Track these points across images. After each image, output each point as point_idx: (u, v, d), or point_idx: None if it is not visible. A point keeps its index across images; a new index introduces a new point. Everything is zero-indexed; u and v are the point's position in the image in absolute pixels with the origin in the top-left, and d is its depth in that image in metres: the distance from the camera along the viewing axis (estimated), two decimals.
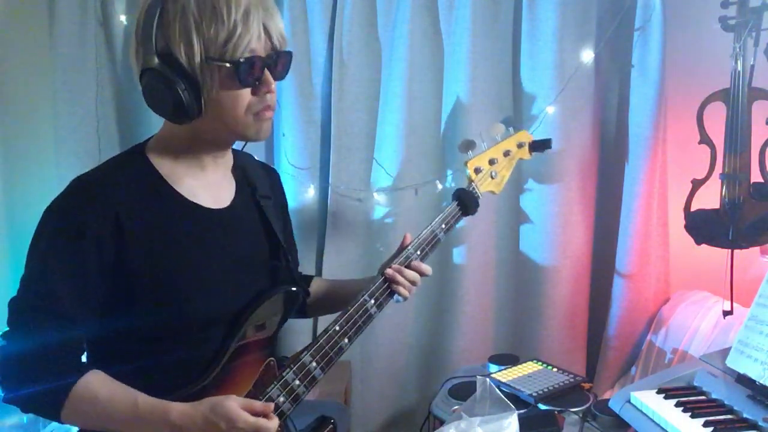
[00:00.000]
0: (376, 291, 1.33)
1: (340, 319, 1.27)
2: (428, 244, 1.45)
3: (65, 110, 2.29)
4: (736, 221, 1.83)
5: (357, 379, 2.42)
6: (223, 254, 1.17)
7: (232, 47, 1.07)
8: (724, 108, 1.86)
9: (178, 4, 1.06)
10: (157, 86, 1.07)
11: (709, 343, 1.93)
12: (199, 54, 1.06)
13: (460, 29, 2.23)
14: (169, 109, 1.08)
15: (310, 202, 2.36)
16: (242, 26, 1.06)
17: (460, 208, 1.55)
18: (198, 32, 1.06)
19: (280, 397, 1.16)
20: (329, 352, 1.24)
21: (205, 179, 1.18)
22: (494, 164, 1.66)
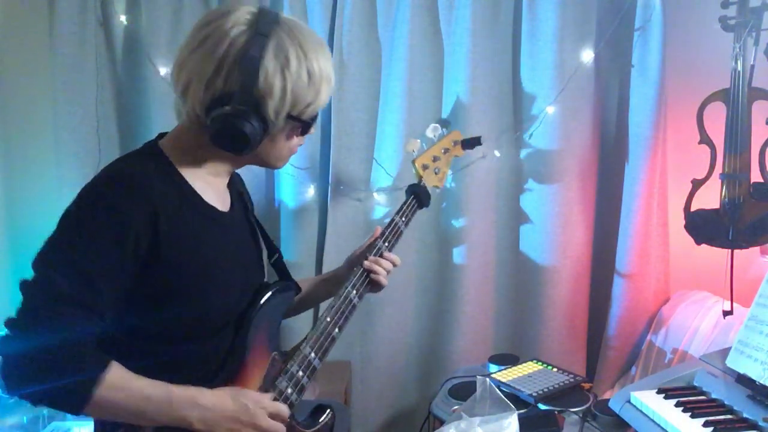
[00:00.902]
0: (357, 282, 1.42)
1: (330, 311, 1.34)
2: (393, 237, 1.57)
3: (65, 110, 2.29)
4: (736, 221, 1.84)
5: (357, 379, 2.42)
6: (234, 255, 1.22)
7: (312, 110, 1.17)
8: (724, 108, 1.86)
9: (281, 57, 1.11)
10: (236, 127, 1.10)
11: (709, 343, 1.93)
12: (286, 111, 1.14)
13: (460, 29, 2.23)
14: (236, 148, 1.13)
15: (310, 202, 2.36)
16: (325, 92, 1.17)
17: (416, 202, 1.71)
18: (293, 93, 1.13)
19: (288, 388, 1.22)
20: (324, 343, 1.31)
21: (216, 185, 1.23)
22: (437, 161, 1.82)
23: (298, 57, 1.13)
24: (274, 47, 1.11)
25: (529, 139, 2.27)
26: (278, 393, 1.21)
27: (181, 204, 1.13)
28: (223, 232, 1.21)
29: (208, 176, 1.21)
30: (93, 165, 2.27)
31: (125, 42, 2.34)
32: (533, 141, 2.26)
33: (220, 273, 1.17)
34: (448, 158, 1.87)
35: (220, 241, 1.19)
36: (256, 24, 1.12)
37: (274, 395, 1.20)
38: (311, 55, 1.14)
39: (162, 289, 1.10)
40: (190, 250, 1.12)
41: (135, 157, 1.17)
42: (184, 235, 1.12)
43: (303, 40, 1.14)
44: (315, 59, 1.15)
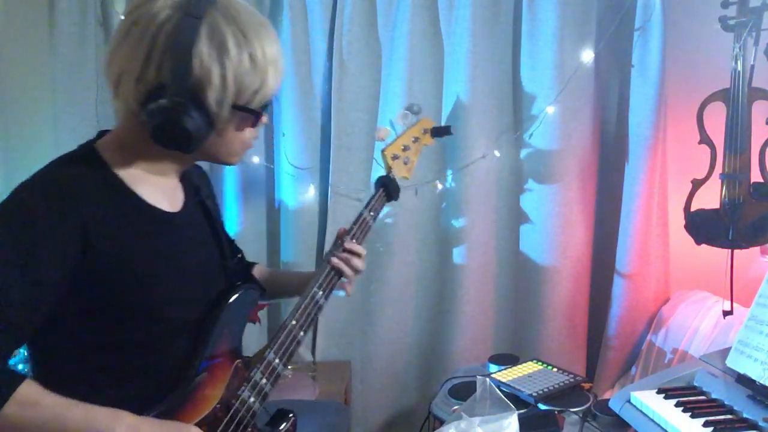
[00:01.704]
0: (323, 282, 1.34)
1: (295, 313, 1.27)
2: (360, 231, 1.48)
3: (65, 110, 2.29)
4: (736, 221, 1.83)
5: (357, 379, 2.42)
6: (185, 259, 1.14)
7: (260, 97, 1.08)
8: (724, 108, 1.86)
9: (215, 42, 1.01)
10: (175, 122, 1.01)
11: (709, 343, 1.93)
12: (229, 100, 1.04)
13: (460, 29, 2.23)
14: (179, 145, 1.04)
15: (310, 202, 2.36)
16: (272, 76, 1.07)
17: (385, 195, 1.60)
18: (235, 80, 1.03)
19: (251, 397, 1.16)
20: (289, 347, 1.24)
21: (164, 184, 1.14)
22: (407, 151, 1.70)
23: (236, 40, 1.02)
24: (208, 30, 1.01)
25: (529, 139, 2.27)
26: (240, 402, 1.14)
27: (117, 209, 1.04)
28: (172, 235, 1.12)
29: (152, 176, 1.11)
30: None
31: None
32: (533, 141, 2.26)
33: (169, 281, 1.09)
34: (417, 147, 1.74)
35: (167, 246, 1.10)
36: (187, 5, 1.00)
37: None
38: (252, 37, 1.04)
39: (103, 299, 1.02)
40: (129, 257, 1.04)
41: (65, 160, 1.07)
42: (122, 241, 1.03)
43: (242, 21, 1.03)
44: (257, 41, 1.04)
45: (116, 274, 1.02)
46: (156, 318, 1.08)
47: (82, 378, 1.04)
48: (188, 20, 1.00)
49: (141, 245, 1.06)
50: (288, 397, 2.11)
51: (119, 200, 1.06)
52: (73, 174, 1.03)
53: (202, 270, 1.17)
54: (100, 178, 1.05)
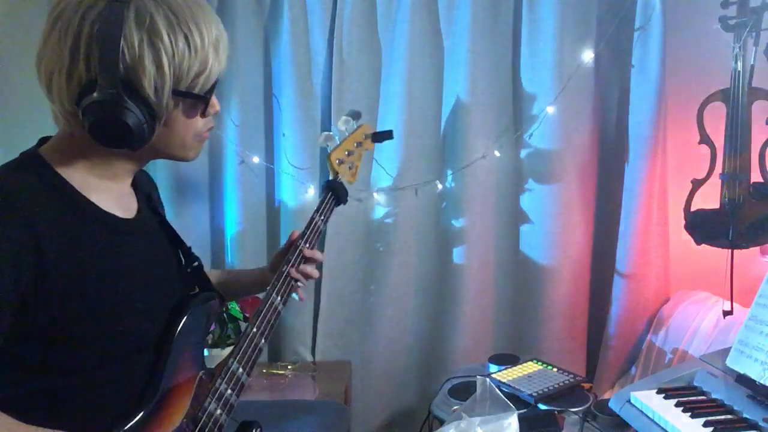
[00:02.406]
0: (281, 288, 1.33)
1: (255, 320, 1.23)
2: (314, 236, 1.47)
3: None
4: (736, 221, 1.84)
5: (357, 379, 2.42)
6: (143, 268, 1.08)
7: (203, 80, 1.01)
8: (724, 108, 1.86)
9: (144, 27, 0.94)
10: (113, 118, 0.94)
11: (709, 343, 1.93)
12: (168, 88, 0.97)
13: (460, 29, 2.23)
14: (121, 142, 0.97)
15: (310, 202, 2.36)
16: (213, 57, 1.01)
17: (333, 199, 1.60)
18: (170, 65, 0.96)
19: (217, 409, 1.12)
20: (252, 355, 1.21)
21: (117, 190, 1.08)
22: (351, 155, 1.72)
23: (168, 22, 0.95)
24: (135, 14, 0.94)
25: (529, 139, 2.27)
26: (207, 415, 1.10)
27: (70, 217, 0.97)
28: (128, 243, 1.06)
29: (103, 181, 1.04)
30: None
31: None
32: (533, 141, 2.26)
33: (127, 292, 1.02)
34: (360, 152, 1.75)
35: (123, 255, 1.04)
36: None
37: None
38: (185, 18, 0.97)
39: (60, 316, 0.94)
40: (86, 269, 0.96)
41: (8, 169, 0.99)
42: (76, 252, 0.95)
43: (173, 1, 0.96)
44: (191, 21, 0.97)
45: (73, 290, 0.95)
46: (116, 332, 1.01)
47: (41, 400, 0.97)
48: (113, 6, 0.93)
49: (98, 256, 0.99)
50: (288, 397, 2.11)
51: (71, 207, 0.98)
52: (19, 182, 0.96)
53: (160, 279, 1.11)
54: (49, 185, 0.98)
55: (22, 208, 0.92)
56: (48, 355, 0.96)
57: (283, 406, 1.71)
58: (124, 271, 1.03)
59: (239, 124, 2.30)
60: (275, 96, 2.34)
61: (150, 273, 1.09)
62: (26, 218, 0.92)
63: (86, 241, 0.98)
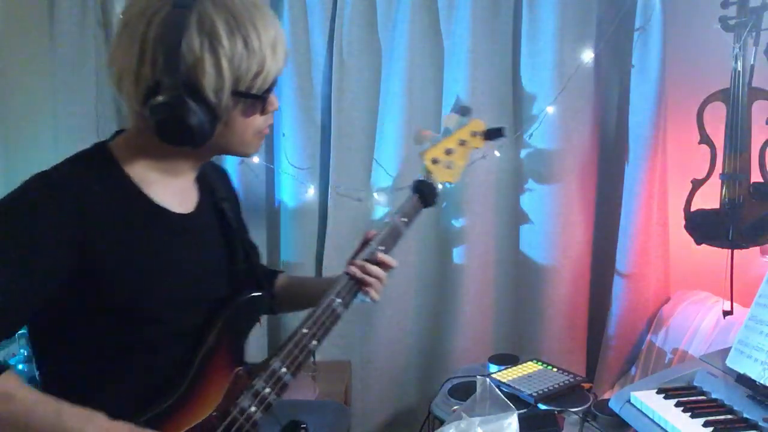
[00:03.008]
0: (342, 290, 1.27)
1: (307, 321, 1.21)
2: (391, 238, 1.39)
3: (65, 110, 2.29)
4: (736, 221, 1.84)
5: (357, 379, 2.42)
6: (191, 262, 1.12)
7: (261, 81, 1.05)
8: (724, 108, 1.86)
9: (205, 31, 0.99)
10: (177, 118, 1.00)
11: (709, 343, 1.93)
12: (228, 89, 1.02)
13: (460, 29, 2.23)
14: (185, 140, 1.03)
15: (310, 202, 2.36)
16: (271, 58, 1.04)
17: (421, 200, 1.52)
18: (230, 67, 1.01)
19: (252, 406, 1.13)
20: (298, 356, 1.18)
21: (177, 185, 1.13)
22: (450, 154, 1.60)
23: (228, 26, 1.00)
24: (197, 19, 0.99)
25: (529, 139, 2.27)
26: (239, 411, 1.11)
27: (122, 208, 1.03)
28: (177, 238, 1.10)
29: (164, 176, 1.10)
30: None
31: None
32: (533, 141, 2.26)
33: (169, 285, 1.07)
34: (465, 151, 1.62)
35: (171, 248, 1.09)
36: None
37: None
38: (244, 21, 1.01)
39: (101, 299, 1.01)
40: (130, 259, 1.02)
41: (77, 157, 1.07)
42: (123, 243, 1.02)
43: (233, 6, 1.01)
44: (250, 24, 1.01)
45: (114, 274, 1.01)
46: (153, 321, 1.06)
47: (79, 379, 1.03)
48: (177, 11, 0.98)
49: (142, 244, 1.05)
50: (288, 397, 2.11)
51: (125, 200, 1.05)
52: (80, 171, 1.04)
53: (205, 274, 1.14)
54: (108, 177, 1.05)
55: (76, 192, 1.00)
56: (85, 338, 1.03)
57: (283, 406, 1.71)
58: (168, 264, 1.08)
59: None
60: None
61: (196, 269, 1.12)
62: (78, 202, 0.99)
63: (134, 231, 1.04)
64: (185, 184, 1.15)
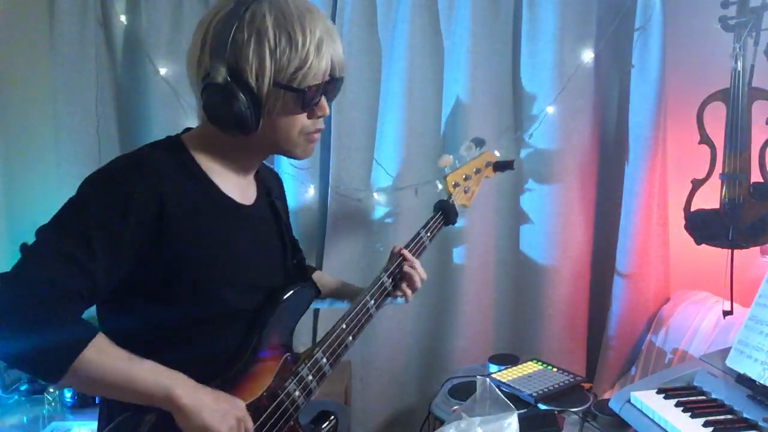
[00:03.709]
0: (375, 292, 1.41)
1: (346, 318, 1.33)
2: (417, 251, 1.55)
3: (65, 110, 2.29)
4: (736, 221, 1.84)
5: (357, 379, 2.42)
6: (251, 250, 1.20)
7: (301, 76, 1.10)
8: (724, 108, 1.86)
9: (255, 25, 1.08)
10: (222, 101, 1.09)
11: (709, 343, 1.93)
12: (269, 78, 1.09)
13: (460, 29, 2.23)
14: (230, 125, 1.11)
15: (310, 202, 2.36)
16: (314, 57, 1.10)
17: (443, 219, 1.70)
18: (272, 58, 1.08)
19: (296, 391, 1.21)
20: (337, 349, 1.29)
21: (237, 179, 1.21)
22: (468, 180, 1.82)
23: (276, 21, 1.09)
24: (251, 14, 1.09)
25: (529, 139, 2.27)
26: (286, 394, 1.19)
27: (194, 192, 1.12)
28: (240, 226, 1.19)
29: (230, 171, 1.19)
30: (93, 165, 2.24)
31: (125, 42, 2.34)
32: (533, 141, 2.26)
33: (231, 267, 1.15)
34: (479, 178, 1.86)
35: (234, 234, 1.17)
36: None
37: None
38: (292, 19, 1.09)
39: (168, 275, 1.08)
40: (198, 238, 1.10)
41: (155, 144, 1.17)
42: (193, 222, 1.10)
43: (286, 7, 1.10)
44: (298, 23, 1.09)
45: (183, 249, 1.08)
46: (213, 298, 1.12)
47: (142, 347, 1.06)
48: (237, 8, 1.09)
49: (209, 227, 1.12)
50: None
51: (196, 184, 1.13)
52: (158, 154, 1.12)
53: (262, 263, 1.23)
54: (181, 163, 1.13)
55: (152, 172, 1.07)
56: (152, 309, 1.09)
57: None
58: (230, 245, 1.15)
59: None
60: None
61: (255, 256, 1.21)
62: (157, 181, 1.07)
63: (202, 211, 1.12)
64: (244, 179, 1.23)
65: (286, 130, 1.16)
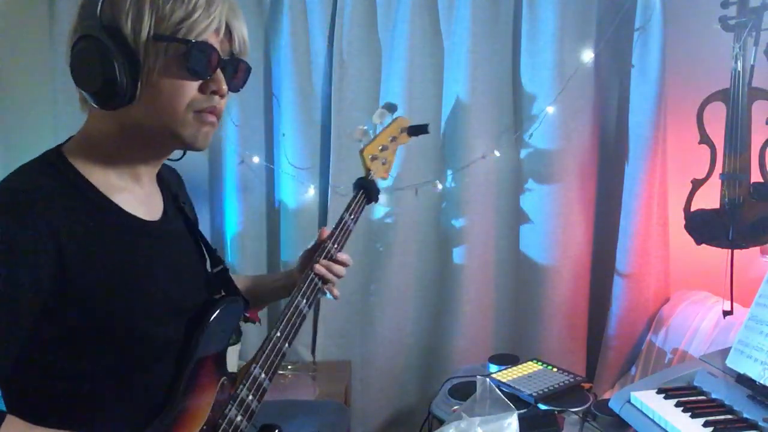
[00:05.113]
0: (306, 290, 1.30)
1: (279, 324, 1.21)
2: (343, 236, 1.45)
3: (65, 110, 2.29)
4: (736, 221, 1.83)
5: (357, 379, 2.42)
6: (166, 271, 1.05)
7: (186, 27, 0.94)
8: (724, 108, 1.86)
9: None
10: (90, 56, 0.93)
11: (709, 343, 1.93)
12: (147, 29, 0.93)
13: (460, 29, 2.23)
14: (98, 85, 0.93)
15: (310, 202, 2.36)
16: (203, 10, 0.95)
17: (365, 197, 1.56)
18: (152, 5, 0.93)
19: (238, 416, 1.10)
20: (275, 360, 1.19)
21: (139, 191, 1.06)
22: (384, 151, 1.64)
23: None
24: None
25: (529, 139, 2.27)
26: (228, 422, 1.08)
27: (91, 220, 0.95)
28: (149, 247, 1.03)
29: (127, 182, 1.03)
30: None
31: None
32: (533, 141, 2.26)
33: (146, 297, 1.00)
34: (394, 147, 1.67)
35: (144, 259, 1.02)
36: None
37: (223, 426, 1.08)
38: None
39: (81, 320, 0.93)
40: (107, 272, 0.94)
41: (28, 169, 0.97)
42: (98, 255, 0.94)
43: None
44: None
45: (94, 292, 0.93)
46: (136, 337, 0.99)
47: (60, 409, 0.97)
48: None
49: (120, 259, 0.97)
50: (288, 397, 2.11)
51: (93, 208, 0.96)
52: (40, 183, 0.94)
53: (181, 283, 1.09)
54: (67, 184, 0.96)
55: (42, 210, 0.90)
56: (68, 361, 0.95)
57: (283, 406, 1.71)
58: (147, 275, 1.02)
59: (239, 124, 2.30)
60: (275, 96, 2.34)
61: (173, 277, 1.07)
62: (46, 220, 0.89)
63: (108, 245, 0.96)
64: (149, 189, 1.09)
65: (170, 98, 0.96)
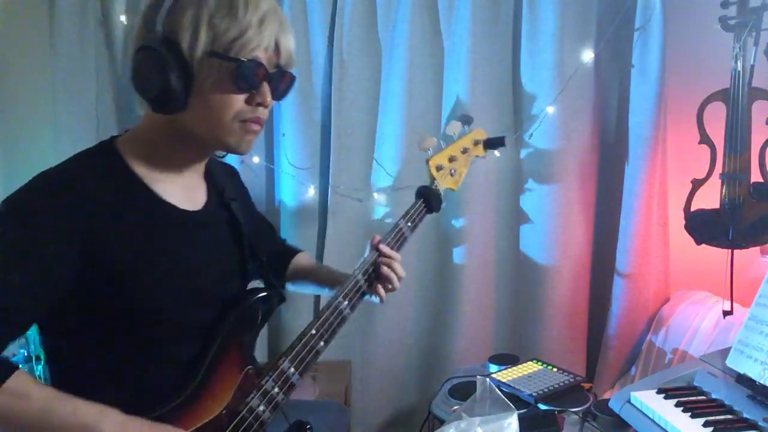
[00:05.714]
0: (349, 292, 1.29)
1: (315, 322, 1.22)
2: (397, 243, 1.41)
3: (65, 110, 2.29)
4: (736, 221, 1.84)
5: (357, 379, 2.42)
6: (198, 259, 1.11)
7: (239, 46, 1.01)
8: (724, 108, 1.86)
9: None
10: (149, 66, 1.00)
11: (709, 343, 1.93)
12: (204, 45, 1.00)
13: (460, 29, 2.23)
14: (155, 93, 1.01)
15: (310, 202, 2.36)
16: (255, 30, 1.02)
17: (425, 206, 1.54)
18: (209, 23, 1.00)
19: (260, 406, 1.13)
20: (306, 357, 1.19)
21: (181, 181, 1.12)
22: (453, 162, 1.65)
23: None
24: None
25: (529, 139, 2.27)
26: (248, 410, 1.12)
27: (128, 204, 1.03)
28: (183, 234, 1.10)
29: (171, 173, 1.10)
30: None
31: (125, 42, 2.34)
32: (533, 141, 2.26)
33: (175, 280, 1.06)
34: (467, 159, 1.68)
35: (175, 244, 1.08)
36: None
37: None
38: None
39: (110, 297, 1.01)
40: (137, 254, 1.02)
41: (83, 154, 1.07)
42: (130, 238, 1.01)
43: None
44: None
45: (122, 273, 1.01)
46: (162, 319, 1.05)
47: (91, 377, 1.04)
48: None
49: (150, 242, 1.04)
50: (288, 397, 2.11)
51: (132, 196, 1.04)
52: (82, 168, 1.03)
53: (214, 272, 1.14)
54: (111, 172, 1.04)
55: (80, 188, 0.99)
56: (96, 337, 1.02)
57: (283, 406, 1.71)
58: (175, 261, 1.07)
59: None
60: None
61: (206, 265, 1.12)
62: (82, 198, 0.98)
63: (140, 227, 1.03)
64: (191, 181, 1.15)
65: (219, 109, 1.03)
